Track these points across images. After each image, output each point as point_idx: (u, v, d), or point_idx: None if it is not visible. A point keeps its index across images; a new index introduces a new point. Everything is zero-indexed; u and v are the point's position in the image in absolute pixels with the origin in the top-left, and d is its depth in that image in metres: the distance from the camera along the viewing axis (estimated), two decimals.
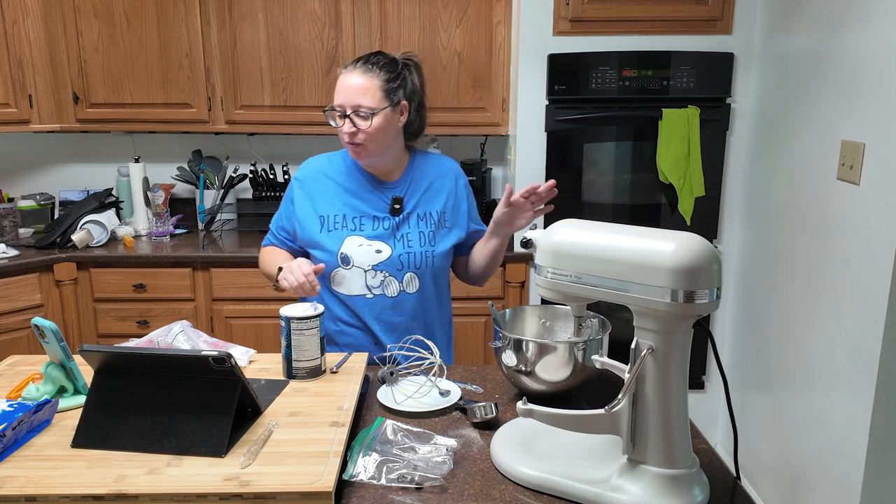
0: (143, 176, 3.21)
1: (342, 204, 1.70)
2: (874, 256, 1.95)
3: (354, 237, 1.67)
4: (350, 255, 1.66)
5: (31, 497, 1.04)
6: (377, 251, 1.67)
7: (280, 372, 1.48)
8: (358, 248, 1.66)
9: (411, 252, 1.68)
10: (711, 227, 2.89)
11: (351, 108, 1.60)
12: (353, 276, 1.67)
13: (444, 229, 1.74)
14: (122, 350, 1.25)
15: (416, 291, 1.71)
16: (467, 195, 1.81)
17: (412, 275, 1.70)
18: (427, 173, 1.76)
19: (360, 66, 1.62)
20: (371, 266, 1.67)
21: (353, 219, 1.69)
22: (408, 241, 1.69)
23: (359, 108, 1.59)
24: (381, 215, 1.69)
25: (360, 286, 1.68)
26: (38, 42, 2.93)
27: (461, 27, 2.94)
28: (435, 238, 1.72)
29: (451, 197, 1.76)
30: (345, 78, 1.62)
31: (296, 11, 2.94)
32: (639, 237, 1.05)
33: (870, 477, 2.00)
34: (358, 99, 1.59)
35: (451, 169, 1.80)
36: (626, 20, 2.72)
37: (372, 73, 1.61)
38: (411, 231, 1.70)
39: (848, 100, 2.10)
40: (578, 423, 1.14)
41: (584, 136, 2.79)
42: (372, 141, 1.62)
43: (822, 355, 2.23)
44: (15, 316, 2.80)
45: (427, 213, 1.72)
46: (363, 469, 1.17)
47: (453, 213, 1.76)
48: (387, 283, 1.68)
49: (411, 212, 1.71)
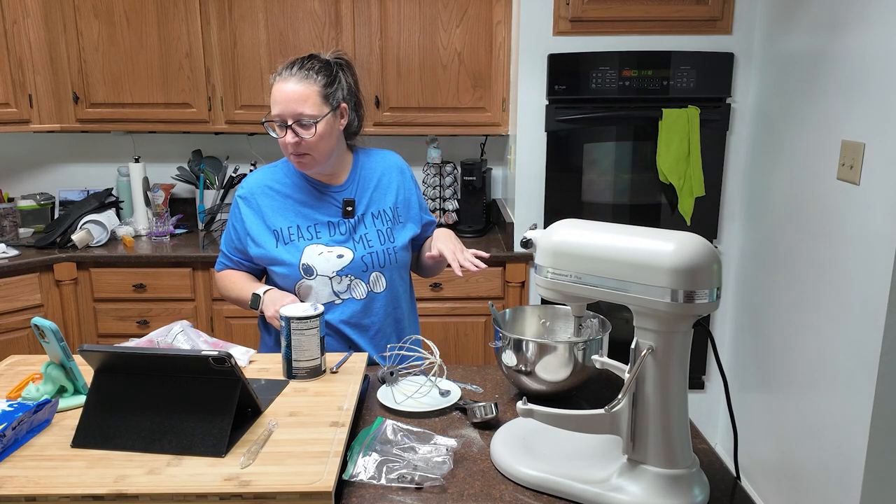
0: (143, 176, 3.21)
1: (294, 215, 1.67)
2: (874, 256, 1.96)
3: (313, 246, 1.65)
4: (312, 264, 1.64)
5: (31, 497, 1.04)
6: (339, 256, 1.65)
7: (280, 372, 1.48)
8: (319, 257, 1.64)
9: (373, 251, 1.67)
10: (711, 227, 2.89)
11: (292, 117, 1.55)
12: (319, 285, 1.65)
13: (400, 224, 1.73)
14: (122, 350, 1.25)
15: (385, 290, 1.70)
16: (415, 187, 1.79)
17: (378, 274, 1.68)
18: (373, 170, 1.74)
19: (295, 73, 1.55)
20: (335, 272, 1.65)
21: (308, 228, 1.66)
22: (367, 242, 1.67)
23: (300, 118, 1.54)
24: (335, 220, 1.67)
25: (328, 293, 1.66)
26: (38, 42, 2.93)
27: (461, 27, 2.94)
28: (393, 234, 1.71)
29: (400, 191, 1.75)
30: (281, 86, 1.54)
31: (296, 11, 2.94)
32: (639, 237, 1.05)
33: (870, 477, 2.00)
34: (299, 108, 1.54)
35: (396, 163, 1.78)
36: (626, 20, 2.71)
37: (309, 79, 1.55)
38: (369, 231, 1.68)
39: (848, 100, 2.10)
40: (578, 423, 1.14)
41: (584, 136, 2.79)
42: (316, 149, 1.59)
43: (822, 355, 2.23)
44: (15, 316, 2.80)
45: (381, 211, 1.71)
46: (363, 469, 1.17)
47: (405, 208, 1.75)
48: (354, 287, 1.67)
49: (365, 212, 1.69)
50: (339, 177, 1.71)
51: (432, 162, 3.19)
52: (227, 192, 3.26)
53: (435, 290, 2.88)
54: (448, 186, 3.19)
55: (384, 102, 3.03)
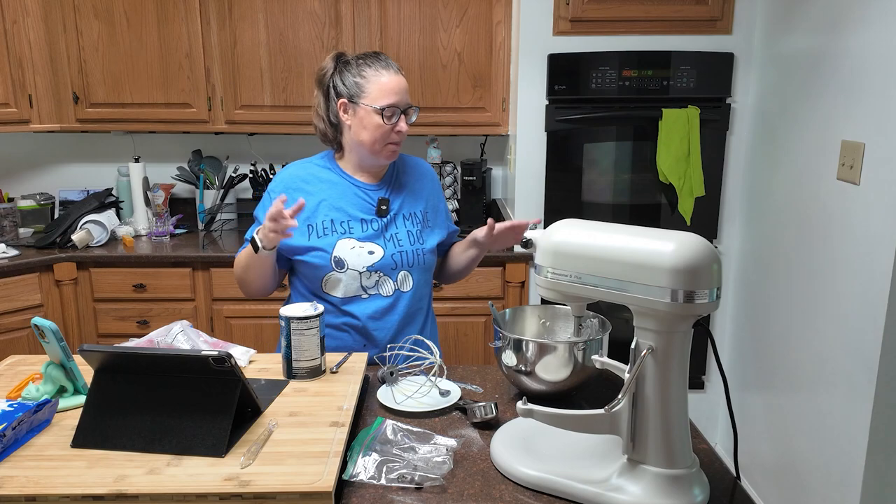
0: (143, 176, 3.21)
1: (329, 209, 1.69)
2: (874, 256, 1.95)
3: (346, 240, 1.67)
4: (344, 258, 1.66)
5: (31, 497, 1.04)
6: (370, 252, 1.67)
7: (280, 372, 1.48)
8: (351, 251, 1.66)
9: (403, 250, 1.70)
10: (711, 227, 2.89)
11: (405, 106, 1.65)
12: (348, 279, 1.67)
13: (429, 228, 1.77)
14: (122, 350, 1.25)
15: (411, 289, 1.72)
16: (441, 195, 1.86)
17: (406, 273, 1.71)
18: (407, 174, 1.79)
19: (394, 66, 1.67)
20: (366, 267, 1.67)
21: (342, 223, 1.68)
22: (398, 241, 1.70)
23: (410, 107, 1.67)
24: (368, 217, 1.70)
25: (356, 287, 1.67)
26: (38, 42, 2.93)
27: (461, 27, 2.94)
28: (422, 236, 1.74)
29: (430, 198, 1.80)
30: (394, 77, 1.64)
31: (296, 11, 2.94)
32: (639, 237, 1.05)
33: (870, 477, 2.00)
34: (408, 98, 1.67)
35: (428, 171, 1.84)
36: (626, 20, 2.72)
37: (402, 72, 1.68)
38: (400, 230, 1.71)
39: (848, 100, 2.10)
40: (578, 423, 1.14)
41: (584, 136, 2.79)
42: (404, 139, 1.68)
43: (822, 355, 2.23)
44: (15, 316, 2.80)
45: (412, 213, 1.74)
46: (363, 469, 1.17)
47: (434, 214, 1.80)
48: (382, 283, 1.69)
49: (397, 212, 1.73)
50: (377, 176, 1.75)
51: (432, 162, 3.18)
52: (227, 192, 3.26)
53: (435, 290, 2.88)
54: (448, 186, 3.19)
55: None
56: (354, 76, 1.65)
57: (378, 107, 1.62)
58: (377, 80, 1.63)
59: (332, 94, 1.69)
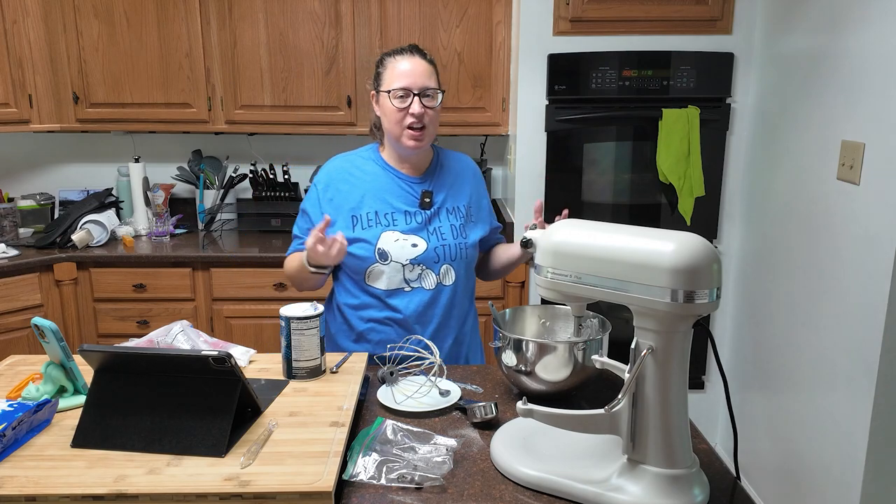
0: (143, 176, 3.21)
1: (373, 200, 1.71)
2: (874, 256, 1.95)
3: (390, 232, 1.68)
4: (387, 250, 1.68)
5: (31, 497, 1.04)
6: (413, 245, 1.68)
7: (280, 372, 1.48)
8: (395, 243, 1.68)
9: (446, 244, 1.70)
10: (711, 227, 2.89)
11: (419, 89, 1.63)
12: (391, 271, 1.68)
13: (472, 222, 1.77)
14: (122, 350, 1.25)
15: (453, 283, 1.73)
16: (484, 191, 1.86)
17: (448, 266, 1.72)
18: (451, 168, 1.80)
19: (415, 53, 1.66)
20: (409, 260, 1.68)
21: (386, 214, 1.70)
22: (441, 234, 1.71)
23: (426, 89, 1.64)
24: (412, 210, 1.71)
25: (399, 280, 1.69)
26: (38, 42, 2.93)
27: (461, 27, 2.94)
28: (465, 230, 1.75)
29: (473, 193, 1.81)
30: (408, 61, 1.64)
31: (296, 11, 2.94)
32: (639, 237, 1.05)
33: (870, 477, 2.00)
34: (426, 81, 1.64)
35: (471, 166, 1.85)
36: (626, 20, 2.71)
37: (426, 59, 1.67)
38: (443, 224, 1.72)
39: (848, 100, 2.10)
40: (578, 423, 1.14)
41: (584, 136, 2.79)
42: (433, 123, 1.67)
43: (822, 355, 2.23)
44: (15, 316, 2.80)
45: (455, 207, 1.75)
46: (363, 469, 1.17)
47: (477, 209, 1.81)
48: (424, 276, 1.70)
49: (440, 206, 1.74)
50: (420, 168, 1.76)
51: None
52: (227, 192, 3.26)
53: None
54: None
55: None
56: (378, 66, 1.69)
57: (388, 89, 1.64)
58: (392, 65, 1.65)
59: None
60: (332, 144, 3.39)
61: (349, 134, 3.13)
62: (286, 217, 3.21)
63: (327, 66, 2.99)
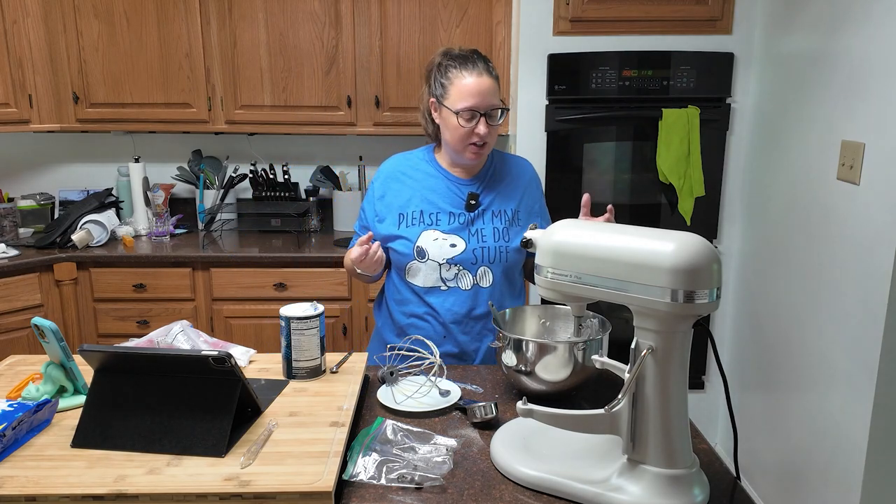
0: (143, 176, 3.21)
1: (420, 200, 1.73)
2: (874, 256, 1.95)
3: (430, 231, 1.70)
4: (426, 248, 1.70)
5: (31, 497, 1.04)
6: (452, 245, 1.70)
7: (280, 372, 1.48)
8: (433, 242, 1.69)
9: (485, 246, 1.71)
10: (711, 227, 2.89)
11: (486, 109, 1.63)
12: (428, 269, 1.70)
13: (517, 227, 1.77)
14: (122, 350, 1.25)
15: (490, 286, 1.73)
16: (540, 196, 1.86)
17: (486, 269, 1.72)
18: (504, 172, 1.80)
19: (481, 66, 1.65)
20: (446, 259, 1.69)
21: (430, 214, 1.72)
22: (482, 236, 1.72)
23: (493, 109, 1.64)
24: (456, 211, 1.73)
25: (435, 278, 1.71)
26: (38, 42, 2.93)
27: (461, 27, 2.94)
28: (508, 234, 1.74)
29: (525, 197, 1.81)
30: (478, 79, 1.63)
31: (296, 11, 2.94)
32: (639, 237, 1.05)
33: (870, 477, 2.00)
34: (493, 100, 1.64)
35: (528, 170, 1.85)
36: (626, 20, 2.71)
37: (492, 73, 1.66)
38: (486, 227, 1.73)
39: (848, 100, 2.10)
40: (578, 423, 1.14)
41: (584, 136, 2.79)
42: (493, 140, 1.68)
43: (822, 355, 2.23)
44: (15, 316, 2.80)
45: (501, 210, 1.76)
46: (363, 469, 1.17)
47: (527, 214, 1.80)
48: (461, 277, 1.71)
49: (486, 208, 1.74)
50: (472, 171, 1.77)
51: None
52: (227, 192, 3.26)
53: None
54: None
55: (384, 102, 3.03)
56: (441, 77, 1.67)
57: (455, 109, 1.63)
58: (458, 82, 1.64)
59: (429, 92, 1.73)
60: (332, 144, 3.39)
61: (349, 134, 3.13)
62: (286, 217, 3.21)
63: (327, 66, 2.99)
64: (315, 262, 2.88)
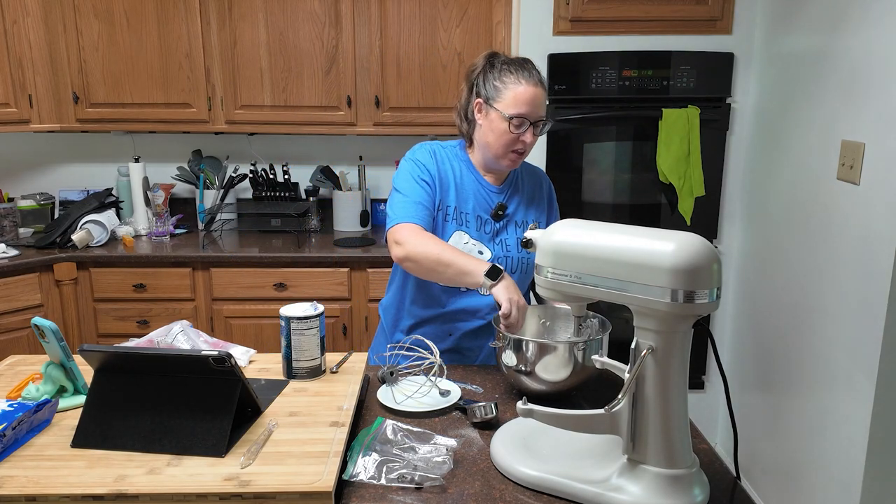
0: (143, 176, 3.20)
1: (456, 196, 1.71)
2: (874, 256, 1.95)
3: (461, 233, 1.69)
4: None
5: (31, 497, 1.04)
6: (479, 252, 1.69)
7: (280, 372, 1.48)
8: (463, 245, 1.69)
9: (509, 256, 1.71)
10: (711, 227, 2.89)
11: (536, 119, 1.63)
12: None
13: None
14: (122, 350, 1.25)
15: None
16: (556, 208, 1.86)
17: None
18: (526, 182, 1.80)
19: (536, 76, 1.64)
20: None
21: (462, 214, 1.71)
22: (506, 246, 1.72)
23: (540, 119, 1.64)
24: (484, 217, 1.72)
25: None
26: (38, 42, 2.93)
27: (461, 27, 2.94)
28: None
29: (545, 208, 1.82)
30: (532, 87, 1.62)
31: (296, 11, 2.94)
32: (639, 237, 1.05)
33: (870, 477, 2.00)
34: (542, 111, 1.64)
35: (545, 180, 1.86)
36: (626, 20, 2.71)
37: (545, 84, 1.66)
38: (510, 236, 1.73)
39: (848, 100, 2.10)
40: (578, 423, 1.14)
41: (584, 136, 2.79)
42: (531, 148, 1.68)
43: (822, 355, 2.23)
44: (15, 316, 2.80)
45: (524, 221, 1.76)
46: (363, 469, 1.17)
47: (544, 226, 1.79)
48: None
49: (511, 218, 1.74)
50: (500, 178, 1.76)
51: None
52: (227, 192, 3.26)
53: None
54: None
55: (384, 102, 3.03)
56: (495, 79, 1.65)
57: (507, 114, 1.62)
58: (515, 88, 1.62)
59: (473, 91, 1.70)
60: (331, 144, 3.39)
61: (349, 134, 3.13)
62: (286, 217, 3.21)
63: (327, 66, 2.99)
64: (315, 262, 2.88)
